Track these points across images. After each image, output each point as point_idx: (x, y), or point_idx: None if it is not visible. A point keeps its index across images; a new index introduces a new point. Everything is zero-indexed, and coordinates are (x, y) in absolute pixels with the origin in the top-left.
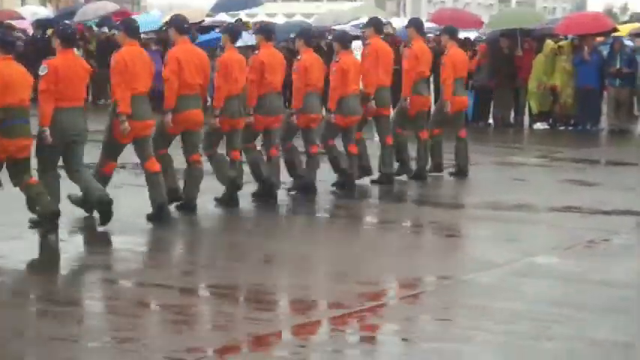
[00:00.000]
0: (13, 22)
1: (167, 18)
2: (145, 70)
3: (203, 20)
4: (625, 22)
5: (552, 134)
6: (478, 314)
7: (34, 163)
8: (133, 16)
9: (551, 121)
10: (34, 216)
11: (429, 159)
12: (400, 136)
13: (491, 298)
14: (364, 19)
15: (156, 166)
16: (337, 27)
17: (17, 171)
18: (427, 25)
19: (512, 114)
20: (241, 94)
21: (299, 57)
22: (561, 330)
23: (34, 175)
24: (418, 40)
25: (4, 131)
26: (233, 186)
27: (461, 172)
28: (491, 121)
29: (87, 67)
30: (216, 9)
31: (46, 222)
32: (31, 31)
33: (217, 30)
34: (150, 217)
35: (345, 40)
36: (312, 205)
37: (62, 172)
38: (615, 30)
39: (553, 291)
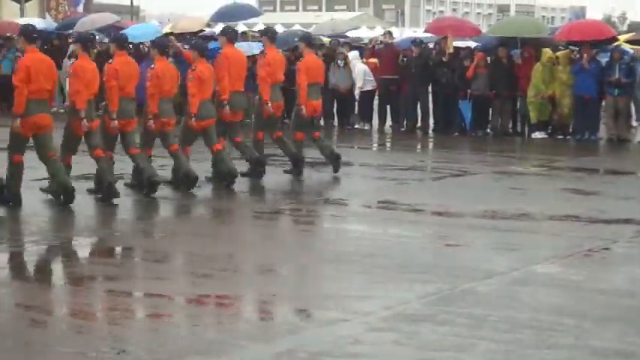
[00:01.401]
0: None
1: (167, 29)
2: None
3: (203, 30)
4: (624, 32)
5: (551, 143)
6: (478, 323)
7: None
8: (133, 27)
9: (549, 130)
10: None
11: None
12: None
13: (491, 306)
14: (363, 29)
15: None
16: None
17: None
18: (424, 34)
19: (511, 123)
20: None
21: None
22: (562, 339)
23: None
24: (272, 48)
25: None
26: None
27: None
28: (489, 130)
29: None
30: (215, 19)
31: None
32: None
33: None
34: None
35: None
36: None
37: None
38: (615, 39)
39: (553, 299)
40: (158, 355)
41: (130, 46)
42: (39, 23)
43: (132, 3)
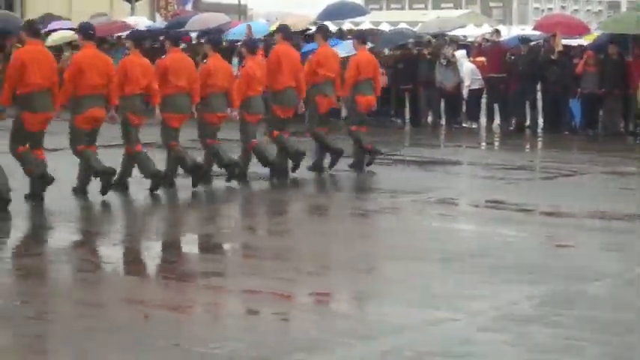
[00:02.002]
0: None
1: (273, 27)
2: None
3: (308, 29)
4: None
5: None
6: (588, 325)
7: None
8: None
9: None
10: None
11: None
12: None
13: (601, 308)
14: (470, 27)
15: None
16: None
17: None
18: (532, 32)
19: (622, 122)
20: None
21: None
22: None
23: None
24: (324, 45)
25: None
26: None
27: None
28: (599, 129)
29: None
30: (321, 17)
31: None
32: None
33: None
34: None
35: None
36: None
37: None
38: None
39: None
40: (262, 351)
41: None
42: (142, 22)
43: (239, 2)
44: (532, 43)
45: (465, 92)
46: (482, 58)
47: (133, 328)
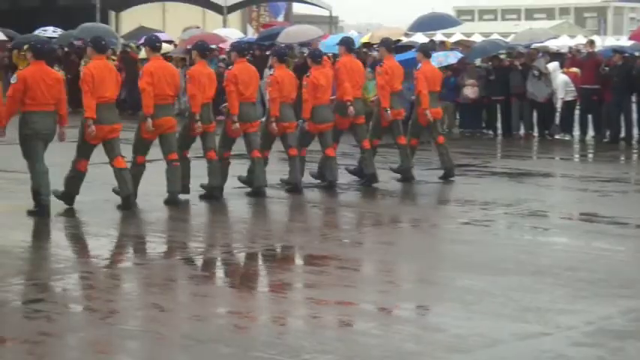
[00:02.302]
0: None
1: (365, 39)
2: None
3: (400, 40)
4: None
5: None
6: None
7: None
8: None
9: None
10: None
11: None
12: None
13: None
14: (564, 37)
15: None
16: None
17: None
18: (628, 42)
19: None
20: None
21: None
22: None
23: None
24: (388, 57)
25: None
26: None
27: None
28: None
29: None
30: (413, 29)
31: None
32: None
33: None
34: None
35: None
36: None
37: None
38: None
39: None
40: None
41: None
42: (234, 34)
43: (331, 14)
44: (627, 54)
45: (558, 105)
46: (575, 69)
47: (233, 339)
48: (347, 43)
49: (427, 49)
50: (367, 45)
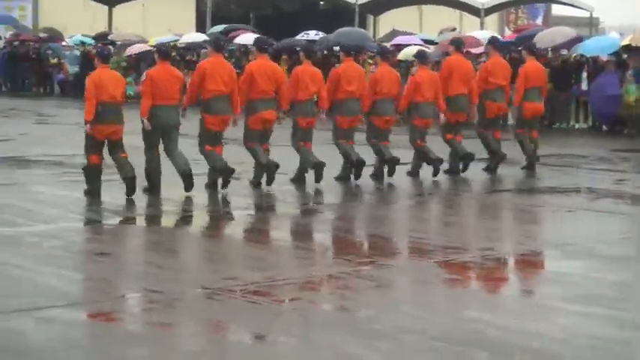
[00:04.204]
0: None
1: (627, 41)
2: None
3: None
4: None
5: None
6: None
7: None
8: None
9: None
10: None
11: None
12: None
13: None
14: None
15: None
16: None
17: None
18: None
19: None
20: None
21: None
22: None
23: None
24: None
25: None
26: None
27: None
28: None
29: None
30: None
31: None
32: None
33: None
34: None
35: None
36: None
37: None
38: None
39: None
40: None
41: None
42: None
43: (591, 15)
44: None
45: None
46: None
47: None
48: (455, 43)
49: (532, 47)
50: (628, 47)
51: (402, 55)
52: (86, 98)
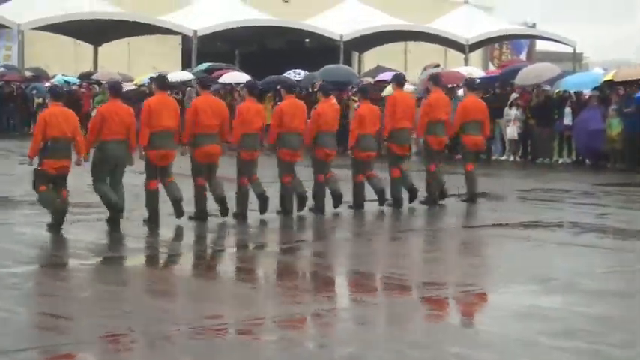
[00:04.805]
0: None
1: (609, 76)
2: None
3: None
4: None
5: None
6: None
7: None
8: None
9: None
10: None
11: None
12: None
13: None
14: None
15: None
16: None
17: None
18: None
19: None
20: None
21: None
22: None
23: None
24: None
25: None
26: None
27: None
28: None
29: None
30: None
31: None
32: None
33: None
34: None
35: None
36: None
37: None
38: None
39: None
40: None
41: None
42: (476, 72)
43: (574, 51)
44: None
45: None
46: None
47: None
48: (397, 79)
49: (471, 83)
50: (610, 82)
51: (386, 92)
52: (34, 134)
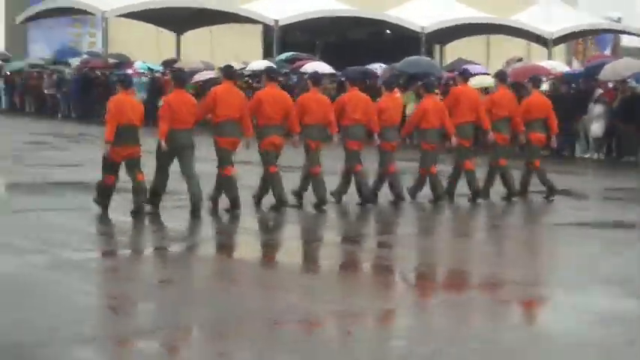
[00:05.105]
0: None
1: None
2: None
3: None
4: None
5: None
6: None
7: None
8: None
9: None
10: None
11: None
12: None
13: None
14: None
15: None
16: None
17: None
18: None
19: None
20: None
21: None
22: None
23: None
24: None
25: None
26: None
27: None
28: None
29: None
30: None
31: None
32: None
33: None
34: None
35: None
36: None
37: None
38: None
39: None
40: None
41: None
42: (559, 67)
43: None
44: None
45: None
46: None
47: None
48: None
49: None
50: None
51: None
52: (106, 121)
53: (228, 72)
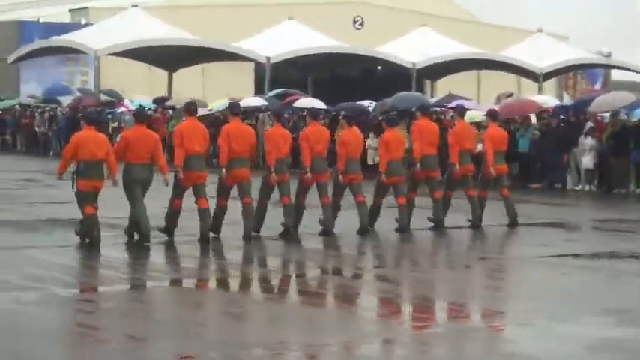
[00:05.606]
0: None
1: None
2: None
3: None
4: None
5: None
6: None
7: None
8: None
9: None
10: None
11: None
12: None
13: None
14: None
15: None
16: None
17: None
18: None
19: None
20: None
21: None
22: None
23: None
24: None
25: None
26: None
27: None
28: None
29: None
30: None
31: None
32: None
33: None
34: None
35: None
36: None
37: None
38: None
39: None
40: None
41: None
42: (550, 101)
43: None
44: None
45: None
46: None
47: None
48: (422, 108)
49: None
50: None
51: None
52: (62, 157)
53: (189, 109)
